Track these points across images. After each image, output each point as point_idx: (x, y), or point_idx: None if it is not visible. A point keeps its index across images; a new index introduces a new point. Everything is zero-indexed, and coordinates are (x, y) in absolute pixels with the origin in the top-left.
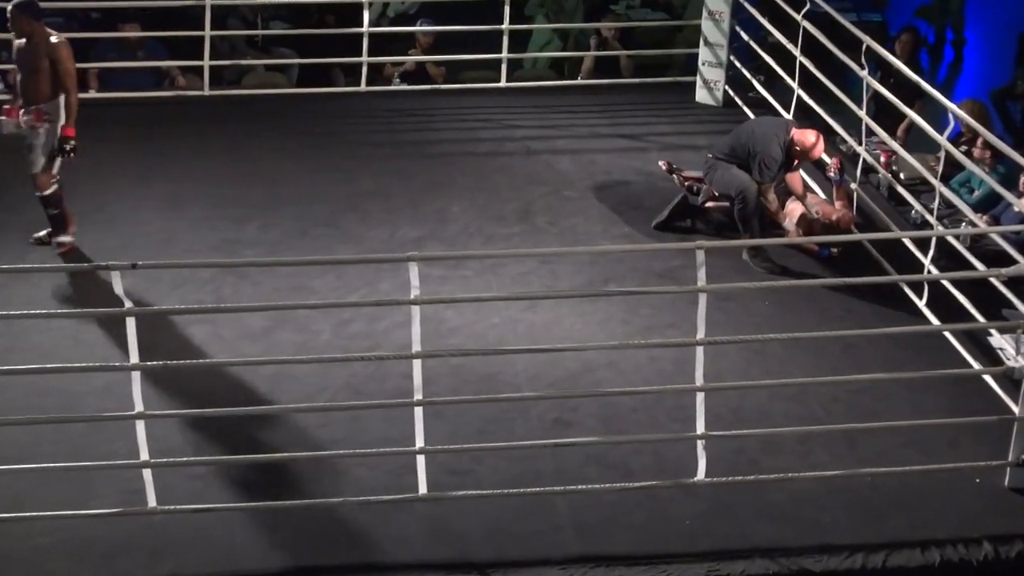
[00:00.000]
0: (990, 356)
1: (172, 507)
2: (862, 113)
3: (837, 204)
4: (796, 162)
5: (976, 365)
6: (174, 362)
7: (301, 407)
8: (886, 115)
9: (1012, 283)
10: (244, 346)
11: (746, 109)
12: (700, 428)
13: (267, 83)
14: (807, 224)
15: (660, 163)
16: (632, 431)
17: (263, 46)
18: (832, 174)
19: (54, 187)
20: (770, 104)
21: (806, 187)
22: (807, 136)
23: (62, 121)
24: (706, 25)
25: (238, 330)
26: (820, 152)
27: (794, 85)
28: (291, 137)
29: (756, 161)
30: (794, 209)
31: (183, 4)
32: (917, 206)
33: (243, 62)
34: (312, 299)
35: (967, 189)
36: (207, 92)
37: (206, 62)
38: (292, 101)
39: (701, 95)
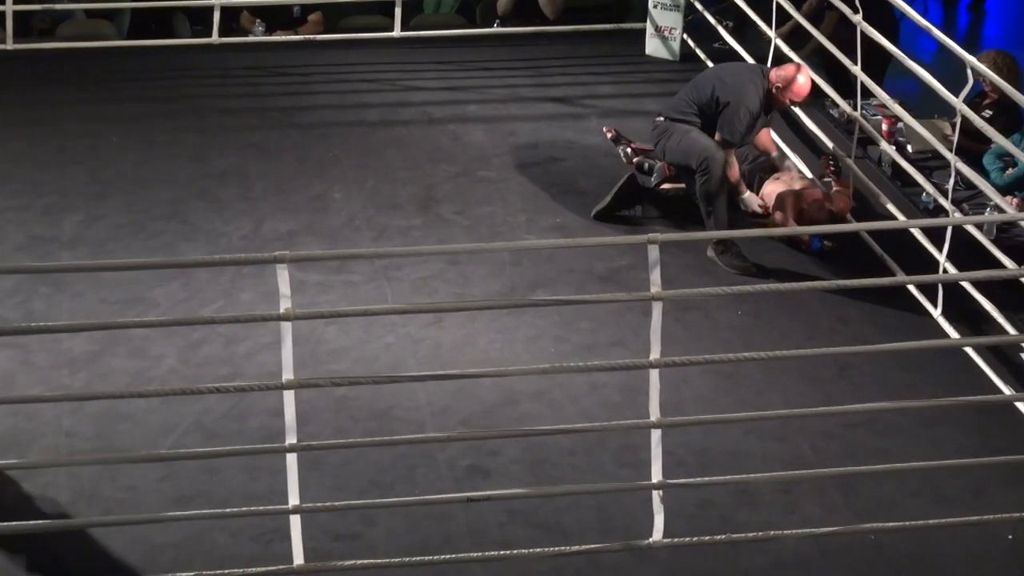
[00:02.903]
0: (1022, 378)
1: None
2: (857, 69)
3: (835, 189)
4: (775, 109)
5: (1006, 390)
6: None
7: (139, 455)
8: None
9: None
10: (63, 376)
11: (710, 64)
12: (656, 475)
13: (89, 34)
14: (794, 207)
15: (605, 130)
16: (568, 480)
17: None
18: (828, 178)
19: None
20: (741, 57)
21: (780, 153)
22: (787, 71)
23: None
24: None
25: (54, 356)
26: (807, 88)
27: (771, 33)
28: (122, 104)
29: (727, 113)
30: (773, 190)
31: None
32: (928, 187)
33: (58, 6)
34: (151, 314)
35: (999, 167)
36: (10, 46)
37: (9, 6)
38: (122, 57)
39: (653, 46)
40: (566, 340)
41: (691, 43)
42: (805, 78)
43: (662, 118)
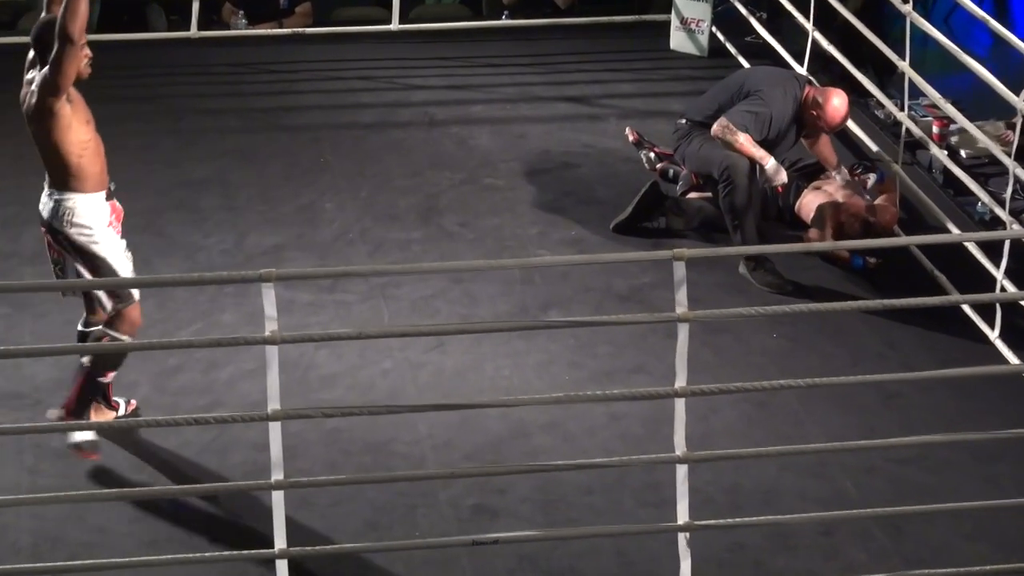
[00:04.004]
0: None
1: None
2: (904, 64)
3: (880, 199)
4: (807, 129)
5: None
6: None
7: (109, 493)
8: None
9: None
10: (25, 406)
11: (741, 59)
12: (682, 516)
13: None
14: (833, 220)
15: (627, 133)
16: (585, 521)
17: None
18: (866, 177)
19: None
20: (775, 52)
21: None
22: (825, 91)
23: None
24: None
25: (16, 383)
26: (840, 115)
27: (808, 25)
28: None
29: (745, 101)
30: (811, 200)
31: None
32: (984, 196)
33: None
34: None
35: None
36: None
37: None
38: (92, 52)
39: (678, 40)
40: (582, 366)
41: (720, 37)
42: (841, 103)
43: (684, 120)
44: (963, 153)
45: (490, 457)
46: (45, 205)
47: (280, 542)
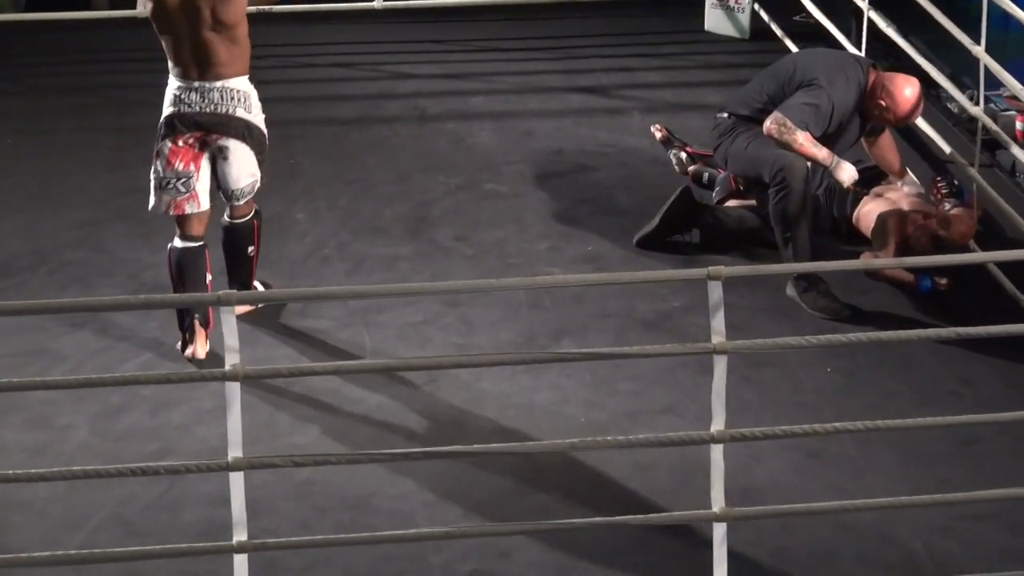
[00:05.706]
0: None
1: None
2: (978, 49)
3: (955, 210)
4: (872, 122)
5: None
6: None
7: (39, 557)
8: None
9: None
10: None
11: (788, 43)
12: None
13: None
14: (897, 233)
15: (654, 129)
16: None
17: None
18: (943, 203)
19: None
20: (828, 34)
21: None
22: (894, 77)
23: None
24: None
25: None
26: (910, 104)
27: (863, 4)
28: (20, 96)
29: (802, 92)
30: (872, 209)
31: None
32: None
33: None
34: (56, 371)
35: None
36: None
37: None
38: (21, 34)
39: (714, 20)
40: (601, 406)
41: (764, 16)
42: (913, 92)
43: (726, 114)
44: None
45: (492, 513)
46: (207, 100)
47: None
